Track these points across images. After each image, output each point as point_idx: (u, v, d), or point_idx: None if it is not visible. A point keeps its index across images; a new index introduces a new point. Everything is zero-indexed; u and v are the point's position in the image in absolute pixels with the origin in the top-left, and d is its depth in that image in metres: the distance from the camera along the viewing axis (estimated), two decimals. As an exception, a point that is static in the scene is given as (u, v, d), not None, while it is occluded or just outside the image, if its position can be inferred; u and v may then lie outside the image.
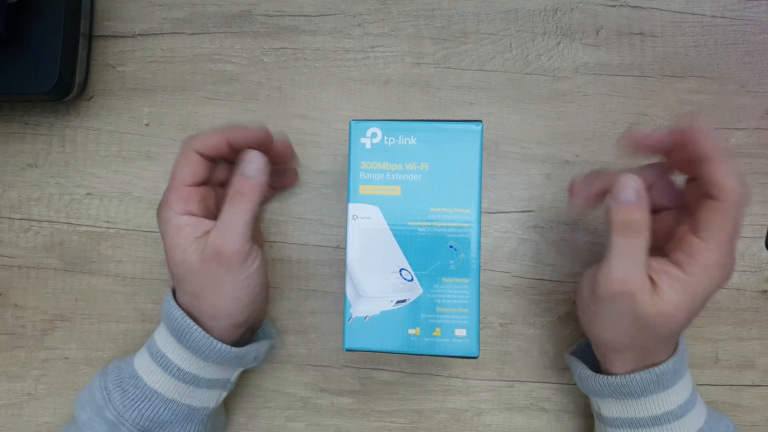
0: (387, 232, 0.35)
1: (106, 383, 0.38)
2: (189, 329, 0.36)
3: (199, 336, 0.36)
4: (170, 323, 0.37)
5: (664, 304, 0.32)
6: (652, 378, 0.35)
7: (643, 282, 0.32)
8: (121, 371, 0.38)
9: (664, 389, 0.36)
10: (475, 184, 0.34)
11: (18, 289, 0.46)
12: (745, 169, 0.45)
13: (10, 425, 0.45)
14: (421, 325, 0.35)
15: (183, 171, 0.35)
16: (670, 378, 0.35)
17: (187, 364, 0.37)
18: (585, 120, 0.46)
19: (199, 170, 0.36)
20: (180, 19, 0.47)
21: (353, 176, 0.35)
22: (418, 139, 0.34)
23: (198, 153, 0.35)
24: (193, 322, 0.36)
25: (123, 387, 0.37)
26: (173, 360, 0.37)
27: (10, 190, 0.46)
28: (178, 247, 0.35)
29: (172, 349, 0.37)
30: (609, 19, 0.46)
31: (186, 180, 0.35)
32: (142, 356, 0.39)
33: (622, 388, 0.36)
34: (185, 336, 0.36)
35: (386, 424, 0.45)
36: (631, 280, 0.32)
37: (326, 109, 0.46)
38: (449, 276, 0.34)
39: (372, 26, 0.46)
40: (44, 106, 0.47)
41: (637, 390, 0.36)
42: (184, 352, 0.37)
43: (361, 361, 0.45)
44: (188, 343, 0.36)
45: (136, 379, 0.38)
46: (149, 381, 0.37)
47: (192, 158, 0.35)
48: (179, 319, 0.36)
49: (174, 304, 0.37)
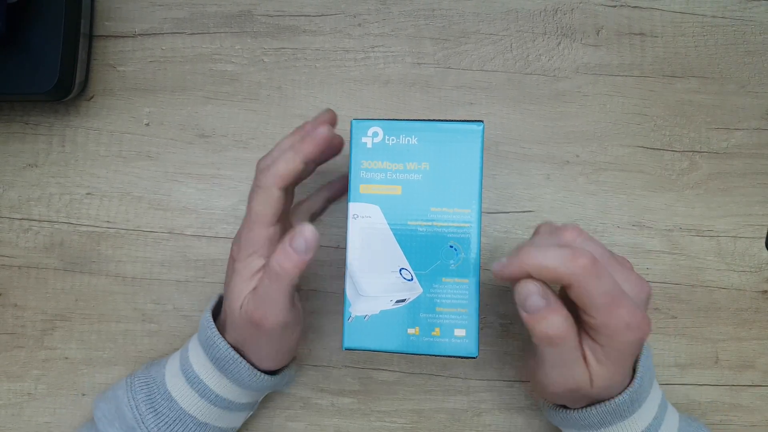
0: (387, 232, 0.35)
1: (137, 402, 0.37)
2: (235, 362, 0.36)
3: (245, 370, 0.36)
4: (212, 352, 0.37)
5: (600, 380, 0.32)
6: (608, 410, 0.35)
7: (583, 375, 0.32)
8: (152, 390, 0.38)
9: (623, 419, 0.35)
10: (475, 184, 0.34)
11: (18, 289, 0.46)
12: (745, 169, 0.45)
13: (10, 425, 0.45)
14: (420, 325, 0.35)
15: (264, 212, 0.34)
16: (627, 408, 0.35)
17: (225, 391, 0.37)
18: (585, 120, 0.46)
19: (280, 206, 0.35)
20: (180, 19, 0.47)
21: (354, 175, 0.35)
22: (419, 139, 0.34)
23: (279, 188, 0.34)
24: (242, 358, 0.36)
25: (156, 408, 0.37)
26: (211, 387, 0.37)
27: (10, 190, 0.46)
28: (234, 292, 0.35)
29: (210, 375, 0.37)
30: (609, 20, 0.46)
31: (267, 221, 0.34)
32: (177, 378, 0.38)
33: (581, 421, 0.36)
34: (229, 367, 0.36)
35: (386, 424, 0.45)
36: (570, 382, 0.32)
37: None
38: (449, 276, 0.34)
39: (372, 26, 0.46)
40: (44, 106, 0.47)
41: (596, 422, 0.35)
42: (223, 379, 0.37)
43: (361, 361, 0.45)
44: (231, 374, 0.37)
45: (170, 402, 0.37)
46: (184, 405, 0.37)
47: (273, 196, 0.34)
48: (224, 351, 0.36)
49: (216, 332, 0.37)
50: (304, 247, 0.32)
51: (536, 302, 0.30)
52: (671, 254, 0.45)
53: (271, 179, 0.34)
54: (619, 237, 0.45)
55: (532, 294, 0.30)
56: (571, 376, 0.32)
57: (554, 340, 0.31)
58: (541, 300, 0.30)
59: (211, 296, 0.45)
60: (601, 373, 0.32)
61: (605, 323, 0.30)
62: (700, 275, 0.45)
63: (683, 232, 0.45)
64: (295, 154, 0.34)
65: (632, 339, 0.31)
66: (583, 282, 0.30)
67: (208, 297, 0.46)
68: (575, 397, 0.34)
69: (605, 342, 0.31)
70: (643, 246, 0.45)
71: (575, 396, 0.34)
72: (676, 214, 0.45)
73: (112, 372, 0.46)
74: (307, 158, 0.34)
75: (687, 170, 0.45)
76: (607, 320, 0.30)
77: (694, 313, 0.45)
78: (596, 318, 0.30)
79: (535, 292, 0.30)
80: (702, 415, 0.44)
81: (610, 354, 0.31)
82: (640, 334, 0.31)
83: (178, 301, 0.46)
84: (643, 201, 0.45)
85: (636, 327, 0.31)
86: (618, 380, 0.33)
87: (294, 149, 0.34)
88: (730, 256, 0.45)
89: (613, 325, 0.30)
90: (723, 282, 0.45)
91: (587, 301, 0.30)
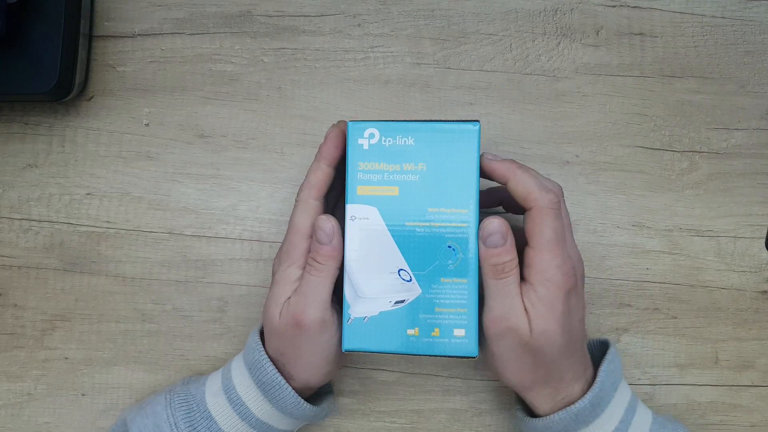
0: (385, 233, 0.35)
1: (176, 420, 0.37)
2: (280, 387, 0.36)
3: (289, 396, 0.36)
4: (259, 375, 0.37)
5: (534, 323, 0.33)
6: (570, 416, 0.35)
7: (521, 314, 0.34)
8: (191, 408, 0.38)
9: (586, 425, 0.36)
10: (472, 184, 0.34)
11: (18, 289, 0.46)
12: (745, 169, 0.45)
13: (10, 425, 0.46)
14: (419, 326, 0.35)
15: (302, 223, 0.36)
16: (589, 414, 0.35)
17: (267, 416, 0.37)
18: (585, 120, 0.46)
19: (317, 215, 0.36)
20: (180, 19, 0.47)
21: (351, 177, 0.35)
22: (415, 140, 0.34)
23: (314, 199, 0.36)
24: (286, 382, 0.36)
25: (195, 426, 0.37)
26: (254, 411, 0.37)
27: (10, 190, 0.47)
28: (272, 300, 0.36)
29: (253, 399, 0.37)
30: (609, 20, 0.46)
31: (305, 232, 0.36)
32: (218, 398, 0.38)
33: (545, 429, 0.36)
34: (274, 392, 0.37)
35: (386, 424, 0.45)
36: (509, 316, 0.34)
37: (326, 109, 0.46)
38: (448, 276, 0.34)
39: (372, 26, 0.46)
40: (44, 106, 0.47)
41: (559, 429, 0.36)
42: (266, 404, 0.37)
43: (361, 362, 0.45)
44: (275, 399, 0.37)
45: (209, 421, 0.37)
46: (224, 425, 0.37)
47: (310, 207, 0.36)
48: (270, 375, 0.36)
49: (264, 355, 0.37)
50: (325, 237, 0.35)
51: (497, 240, 0.34)
52: (671, 254, 0.45)
53: (306, 191, 0.36)
54: (619, 237, 0.45)
55: (495, 232, 0.34)
56: (512, 310, 0.34)
57: (501, 270, 0.34)
58: (501, 240, 0.34)
59: (210, 297, 0.45)
60: (536, 316, 0.33)
61: (541, 258, 0.34)
62: (700, 275, 0.45)
63: (683, 232, 0.45)
64: (318, 162, 0.36)
65: (559, 280, 0.34)
66: (543, 212, 0.34)
67: (208, 297, 0.46)
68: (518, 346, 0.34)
69: (536, 279, 0.34)
70: (642, 246, 0.45)
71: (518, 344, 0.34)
72: (675, 214, 0.45)
73: (112, 372, 0.46)
74: (330, 160, 0.36)
75: (687, 170, 0.45)
76: (543, 255, 0.34)
77: (694, 313, 0.45)
78: (535, 249, 0.34)
79: (498, 231, 0.34)
80: (702, 415, 0.44)
81: (541, 293, 0.34)
82: (568, 278, 0.34)
83: (178, 301, 0.46)
84: (643, 201, 0.45)
85: (567, 271, 0.34)
86: (554, 329, 0.34)
87: (316, 159, 0.37)
88: (730, 256, 0.45)
89: (547, 261, 0.34)
90: (723, 282, 0.45)
91: (537, 231, 0.34)
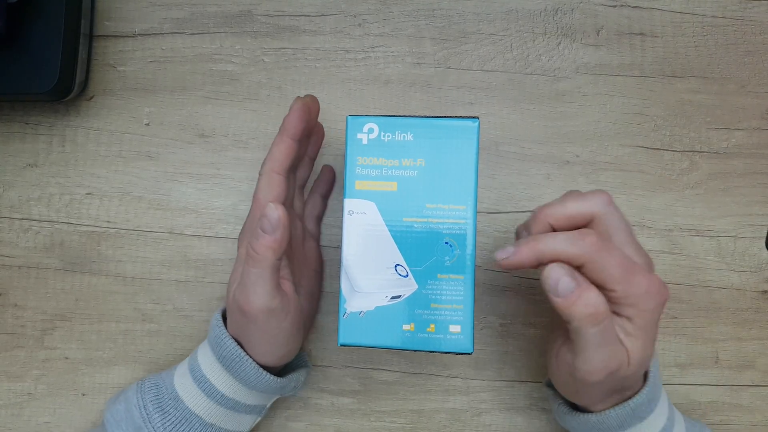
0: (383, 228, 0.35)
1: (145, 402, 0.37)
2: (240, 360, 0.36)
3: (250, 367, 0.36)
4: (220, 350, 0.37)
5: (634, 356, 0.32)
6: (627, 412, 0.34)
7: (622, 354, 0.32)
8: (160, 390, 0.38)
9: (641, 420, 0.35)
10: (471, 181, 0.34)
11: (18, 289, 0.46)
12: (745, 169, 0.45)
13: (10, 425, 0.45)
14: (415, 321, 0.34)
15: (265, 197, 0.35)
16: (645, 408, 0.35)
17: (231, 391, 0.37)
18: (585, 120, 0.46)
19: (281, 191, 0.36)
20: (180, 19, 0.47)
21: (349, 171, 0.35)
22: (414, 135, 0.34)
23: (276, 173, 0.36)
24: (246, 354, 0.36)
25: (163, 408, 0.37)
26: (218, 387, 0.37)
27: (10, 190, 0.47)
28: (231, 278, 0.36)
29: (217, 375, 0.37)
30: (609, 19, 0.46)
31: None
32: (184, 378, 0.38)
33: (598, 425, 0.35)
34: (235, 365, 0.36)
35: (386, 424, 0.45)
36: (612, 362, 0.31)
37: (326, 109, 0.46)
38: (444, 272, 0.34)
39: (372, 26, 0.46)
40: (44, 106, 0.47)
41: (614, 425, 0.35)
42: (229, 379, 0.37)
43: (361, 361, 0.45)
44: (237, 372, 0.37)
45: (176, 401, 0.37)
46: (191, 405, 0.37)
47: (272, 180, 0.36)
48: (230, 348, 0.36)
49: (224, 331, 0.37)
50: (270, 227, 0.33)
51: (568, 285, 0.30)
52: (671, 254, 0.45)
53: (269, 164, 0.36)
54: (619, 237, 0.45)
55: (561, 277, 0.30)
56: (614, 355, 0.31)
57: (596, 317, 0.30)
58: (571, 281, 0.30)
59: (210, 297, 0.45)
60: (635, 348, 0.31)
61: (626, 292, 0.30)
62: (700, 275, 0.45)
63: (683, 232, 0.45)
64: (281, 135, 0.36)
65: (654, 304, 0.31)
66: (596, 257, 0.30)
67: (208, 297, 0.46)
68: (610, 384, 0.33)
69: (631, 313, 0.31)
70: (643, 246, 0.45)
71: (612, 381, 0.33)
72: (676, 214, 0.45)
73: (112, 372, 0.46)
74: (293, 133, 0.36)
75: (687, 170, 0.45)
76: (627, 288, 0.30)
77: (694, 313, 0.45)
78: (617, 289, 0.30)
79: (564, 274, 0.30)
80: (702, 415, 0.44)
81: (638, 323, 0.31)
82: (660, 298, 0.31)
83: (178, 301, 0.46)
84: (643, 201, 0.45)
85: (656, 292, 0.31)
86: (649, 354, 0.32)
87: (279, 132, 0.36)
88: (730, 256, 0.45)
89: (634, 292, 0.30)
90: (723, 282, 0.45)
91: (604, 276, 0.30)
